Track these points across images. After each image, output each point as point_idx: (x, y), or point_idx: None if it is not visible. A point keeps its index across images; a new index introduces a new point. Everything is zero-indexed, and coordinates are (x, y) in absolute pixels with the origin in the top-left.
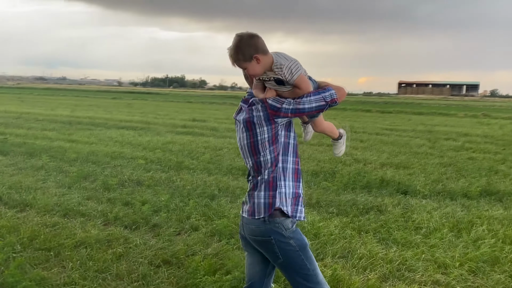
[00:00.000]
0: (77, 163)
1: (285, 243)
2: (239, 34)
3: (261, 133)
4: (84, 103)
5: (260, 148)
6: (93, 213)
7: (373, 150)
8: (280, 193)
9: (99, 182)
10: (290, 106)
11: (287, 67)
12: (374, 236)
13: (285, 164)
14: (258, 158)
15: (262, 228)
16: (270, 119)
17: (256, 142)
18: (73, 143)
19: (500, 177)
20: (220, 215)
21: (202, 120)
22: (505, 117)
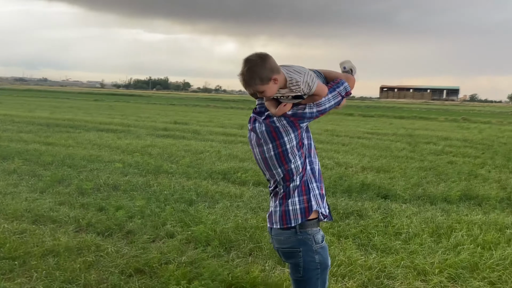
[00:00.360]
0: (52, 167)
1: (311, 256)
2: (250, 57)
3: (289, 141)
4: (65, 105)
5: (290, 156)
6: (65, 219)
7: (354, 153)
8: (314, 195)
9: (73, 187)
10: (313, 109)
11: (304, 82)
12: (353, 241)
13: (312, 165)
14: (289, 166)
15: (292, 239)
16: (296, 125)
17: (286, 151)
18: (50, 146)
19: (480, 181)
20: (197, 221)
21: (184, 123)
22: (484, 121)
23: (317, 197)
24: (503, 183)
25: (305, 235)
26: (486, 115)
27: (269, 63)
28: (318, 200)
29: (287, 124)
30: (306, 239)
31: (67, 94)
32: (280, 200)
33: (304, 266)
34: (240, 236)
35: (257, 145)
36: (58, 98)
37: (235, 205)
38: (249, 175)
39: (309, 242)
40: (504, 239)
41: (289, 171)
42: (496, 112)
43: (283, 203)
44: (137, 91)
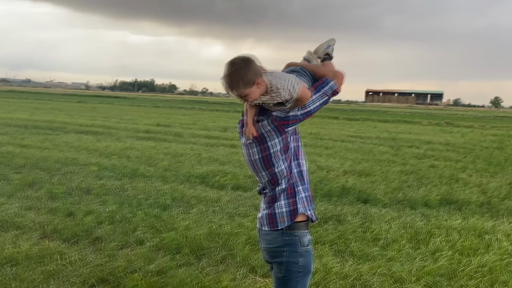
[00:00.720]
0: (24, 170)
1: (294, 258)
2: (234, 60)
3: (273, 146)
4: (46, 107)
5: (274, 160)
6: (30, 225)
7: (337, 157)
8: (300, 198)
9: (43, 191)
10: (298, 112)
11: (285, 89)
12: (330, 248)
13: (299, 168)
14: (273, 170)
15: (279, 239)
16: (281, 130)
17: (269, 155)
18: (24, 148)
19: (460, 186)
20: (170, 227)
21: (167, 125)
22: (466, 125)
23: (303, 200)
24: (484, 187)
25: (291, 236)
26: (469, 119)
27: (253, 67)
28: (304, 203)
29: (272, 129)
30: (292, 240)
31: (50, 95)
32: (268, 204)
33: (287, 268)
34: (213, 243)
35: (245, 147)
36: (40, 100)
37: (211, 210)
38: (228, 178)
39: (295, 244)
40: (483, 244)
41: (274, 174)
42: (478, 116)
43: (270, 206)
44: (122, 93)
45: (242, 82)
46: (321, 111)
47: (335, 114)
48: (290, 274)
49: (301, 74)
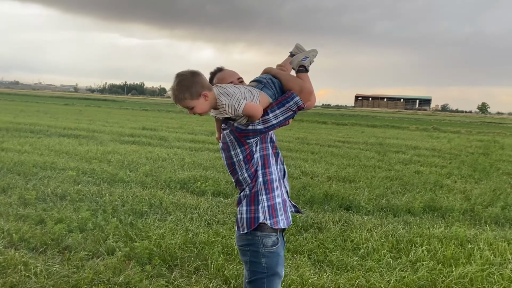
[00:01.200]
0: None
1: (257, 258)
2: (180, 73)
3: (236, 155)
4: (32, 109)
5: (237, 168)
6: None
7: (322, 162)
8: (262, 207)
9: (16, 196)
10: (258, 126)
11: (229, 105)
12: (309, 257)
13: (267, 176)
14: (237, 177)
15: (243, 237)
16: (242, 141)
17: (233, 163)
18: (2, 152)
19: (445, 192)
20: (144, 235)
21: (153, 129)
22: (453, 131)
23: (266, 209)
24: (468, 193)
25: (253, 236)
26: (456, 125)
27: (199, 79)
28: (266, 212)
29: (234, 139)
30: (254, 240)
31: (38, 97)
32: (237, 206)
33: (251, 268)
34: (187, 253)
35: (221, 150)
36: (27, 102)
37: (188, 217)
38: (209, 184)
39: (256, 244)
40: (465, 254)
41: (238, 181)
42: (466, 122)
43: (237, 209)
44: (111, 96)
45: (188, 93)
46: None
47: (324, 118)
48: (254, 275)
49: (267, 86)
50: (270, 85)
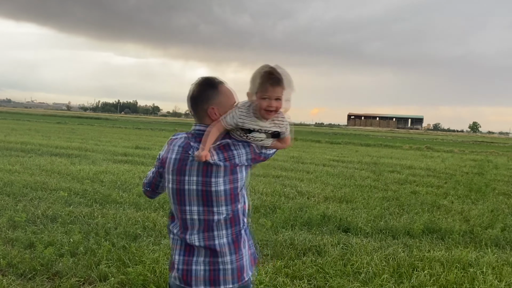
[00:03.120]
0: None
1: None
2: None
3: (241, 180)
4: (23, 127)
5: (239, 196)
6: None
7: (318, 182)
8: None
9: (4, 218)
10: (268, 152)
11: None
12: (308, 283)
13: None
14: (236, 207)
15: None
16: (248, 167)
17: (237, 188)
18: None
19: (442, 213)
20: (137, 260)
21: (146, 148)
22: (446, 150)
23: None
24: (466, 214)
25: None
26: (449, 144)
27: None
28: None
29: (246, 161)
30: None
31: (30, 116)
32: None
33: None
34: None
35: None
36: (19, 120)
37: None
38: None
39: None
40: (468, 278)
41: (230, 215)
42: (458, 141)
43: (213, 259)
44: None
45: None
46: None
47: (317, 137)
48: None
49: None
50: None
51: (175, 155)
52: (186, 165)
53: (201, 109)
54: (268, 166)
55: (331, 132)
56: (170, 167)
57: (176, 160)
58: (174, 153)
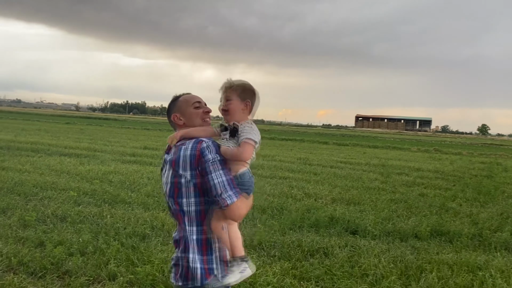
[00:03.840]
0: None
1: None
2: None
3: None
4: (32, 127)
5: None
6: None
7: (325, 183)
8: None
9: (15, 218)
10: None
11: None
12: (316, 285)
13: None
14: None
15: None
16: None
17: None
18: (3, 171)
19: (451, 215)
20: (146, 259)
21: (154, 148)
22: (455, 152)
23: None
24: (474, 217)
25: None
26: (457, 147)
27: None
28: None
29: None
30: None
31: (39, 116)
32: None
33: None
34: None
35: None
36: (28, 120)
37: None
38: None
39: None
40: (477, 282)
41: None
42: (466, 143)
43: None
44: (113, 115)
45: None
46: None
47: (325, 139)
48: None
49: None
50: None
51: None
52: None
53: (170, 121)
54: (275, 168)
55: (339, 133)
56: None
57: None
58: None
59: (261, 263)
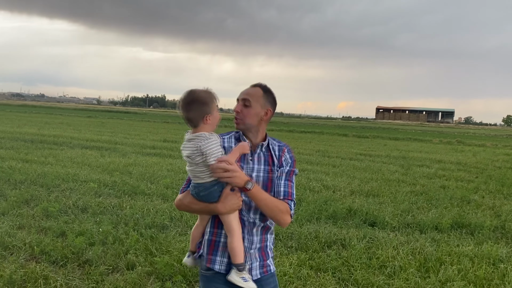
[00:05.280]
0: (22, 186)
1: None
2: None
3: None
4: (56, 121)
5: None
6: (19, 245)
7: (344, 176)
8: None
9: (39, 208)
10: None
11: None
12: (333, 276)
13: None
14: None
15: None
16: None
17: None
18: (27, 164)
19: (472, 208)
20: (164, 250)
21: (174, 141)
22: (478, 144)
23: (205, 242)
24: (497, 210)
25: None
26: (481, 138)
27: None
28: (205, 244)
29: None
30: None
31: (62, 110)
32: None
33: None
34: None
35: None
36: (51, 114)
37: None
38: None
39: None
40: (498, 274)
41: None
42: (490, 135)
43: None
44: (133, 109)
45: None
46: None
47: (344, 131)
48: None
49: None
50: None
51: None
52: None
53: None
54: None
55: (359, 125)
56: None
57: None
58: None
59: (277, 254)
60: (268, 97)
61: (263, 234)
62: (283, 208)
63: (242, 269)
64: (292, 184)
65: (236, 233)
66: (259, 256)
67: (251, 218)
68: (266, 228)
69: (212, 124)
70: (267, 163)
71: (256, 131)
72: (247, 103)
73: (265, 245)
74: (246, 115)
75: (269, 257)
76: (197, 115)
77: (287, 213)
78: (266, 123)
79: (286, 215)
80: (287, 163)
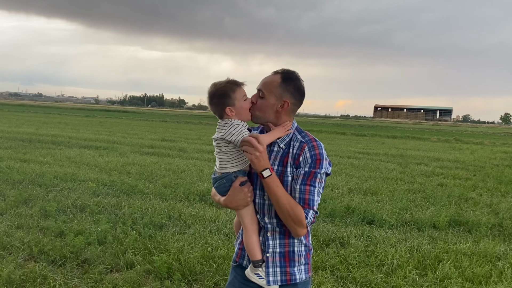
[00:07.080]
0: (20, 186)
1: None
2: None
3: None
4: (53, 120)
5: None
6: (18, 245)
7: (342, 174)
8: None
9: (37, 208)
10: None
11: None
12: (331, 274)
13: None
14: None
15: None
16: None
17: None
18: (25, 163)
19: (470, 206)
20: (163, 249)
21: (172, 140)
22: (476, 142)
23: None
24: (495, 207)
25: None
26: (479, 136)
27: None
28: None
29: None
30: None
31: (60, 109)
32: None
33: None
34: (207, 267)
35: None
36: (49, 114)
37: (207, 230)
38: None
39: None
40: (496, 272)
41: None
42: (488, 133)
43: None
44: (131, 108)
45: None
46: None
47: (342, 129)
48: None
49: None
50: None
51: None
52: None
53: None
54: None
55: (357, 124)
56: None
57: None
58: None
59: None
60: (288, 86)
61: (286, 238)
62: (295, 217)
63: (258, 266)
64: (312, 189)
65: (248, 230)
66: (280, 262)
67: (265, 221)
68: (289, 232)
69: (239, 114)
70: (282, 163)
71: (274, 125)
72: (261, 94)
73: (290, 250)
74: (259, 107)
75: (295, 265)
76: (219, 108)
77: (299, 224)
78: (287, 115)
79: (298, 225)
80: (306, 163)
